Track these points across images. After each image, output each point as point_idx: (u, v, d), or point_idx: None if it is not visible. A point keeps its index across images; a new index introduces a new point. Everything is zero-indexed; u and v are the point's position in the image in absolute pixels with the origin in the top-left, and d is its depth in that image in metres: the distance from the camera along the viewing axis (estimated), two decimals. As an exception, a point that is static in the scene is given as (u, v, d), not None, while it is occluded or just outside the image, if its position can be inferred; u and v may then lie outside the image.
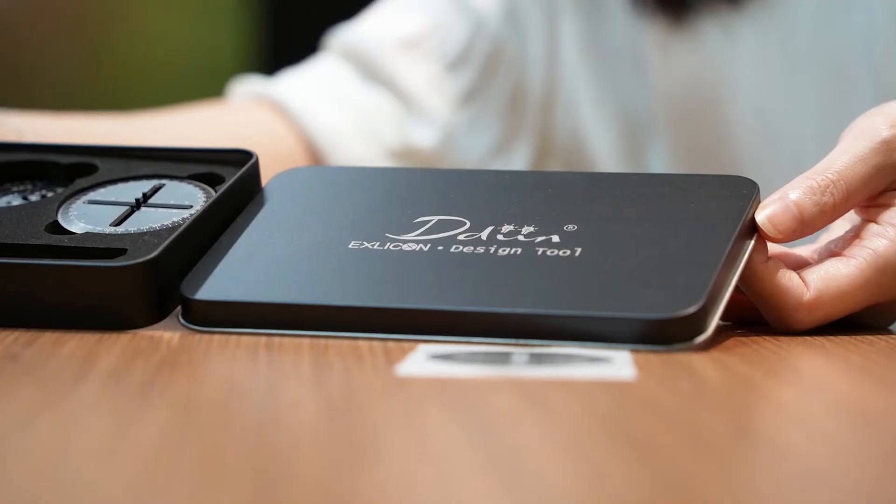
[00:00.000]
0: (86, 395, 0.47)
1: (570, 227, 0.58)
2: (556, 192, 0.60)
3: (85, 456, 0.40)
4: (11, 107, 0.78)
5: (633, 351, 0.53)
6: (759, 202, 0.58)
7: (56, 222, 0.61)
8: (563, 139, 0.90)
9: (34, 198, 0.63)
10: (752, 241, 0.57)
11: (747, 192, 0.58)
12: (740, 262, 0.56)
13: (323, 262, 0.58)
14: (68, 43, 2.13)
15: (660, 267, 0.55)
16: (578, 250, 0.57)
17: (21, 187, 0.65)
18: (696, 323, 0.53)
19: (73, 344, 0.54)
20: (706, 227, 0.57)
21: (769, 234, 0.57)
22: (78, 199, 0.62)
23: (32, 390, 0.48)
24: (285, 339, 0.56)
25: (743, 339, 0.57)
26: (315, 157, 0.88)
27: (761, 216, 0.58)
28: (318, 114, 0.88)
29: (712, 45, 0.85)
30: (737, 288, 0.56)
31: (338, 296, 0.57)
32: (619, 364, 0.51)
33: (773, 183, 0.61)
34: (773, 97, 0.85)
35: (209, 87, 1.32)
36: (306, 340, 0.55)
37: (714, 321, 0.54)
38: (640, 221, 0.58)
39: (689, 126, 0.87)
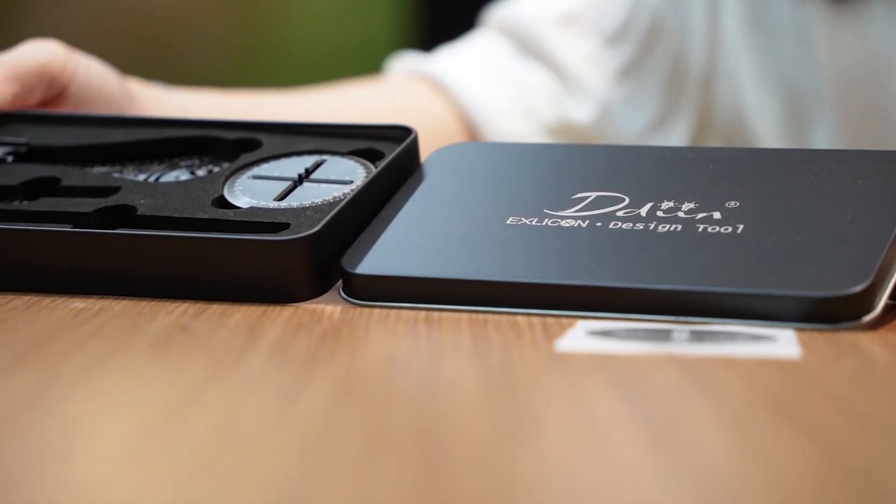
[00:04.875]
0: (252, 366, 0.48)
1: (732, 203, 0.57)
2: (717, 168, 0.60)
3: (254, 425, 0.40)
4: (171, 85, 0.80)
5: (797, 329, 0.52)
6: (929, 179, 0.57)
7: (222, 197, 0.62)
8: (724, 115, 0.89)
9: (201, 172, 0.65)
10: (923, 219, 0.56)
11: (917, 168, 0.57)
12: (910, 239, 0.55)
13: (481, 237, 0.59)
14: (225, 22, 2.17)
15: (825, 244, 0.54)
16: (741, 227, 0.56)
17: (189, 162, 0.66)
18: (863, 301, 0.52)
19: (239, 316, 0.56)
20: (874, 203, 0.55)
21: (940, 211, 0.56)
22: (243, 174, 0.64)
23: (202, 360, 0.49)
24: (444, 314, 0.56)
25: (911, 318, 0.55)
26: (472, 133, 0.88)
27: (932, 193, 0.56)
28: (476, 90, 0.88)
29: (880, 24, 0.82)
30: (906, 266, 0.55)
31: (496, 271, 0.57)
32: (783, 342, 0.50)
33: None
34: None
35: (365, 64, 1.33)
36: (465, 315, 0.56)
37: (882, 300, 0.53)
38: (806, 198, 0.57)
39: (855, 103, 0.85)
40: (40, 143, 0.67)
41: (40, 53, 0.69)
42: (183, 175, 0.65)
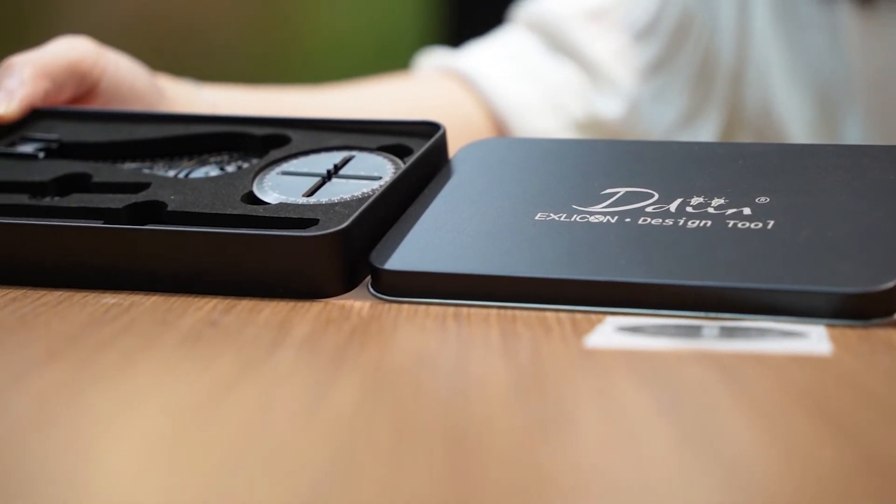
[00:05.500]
0: (283, 362, 0.48)
1: (763, 199, 0.57)
2: (747, 164, 0.59)
3: (284, 420, 0.41)
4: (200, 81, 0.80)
5: (828, 326, 0.52)
6: (961, 174, 0.56)
7: (251, 193, 0.62)
8: (753, 110, 0.88)
9: (231, 168, 0.65)
10: (954, 215, 0.55)
11: (950, 163, 0.56)
12: (942, 235, 0.55)
13: (510, 233, 0.59)
14: (253, 20, 2.17)
15: (857, 240, 0.54)
16: (771, 223, 0.56)
17: (218, 158, 0.66)
18: (895, 298, 0.52)
19: (269, 312, 0.56)
20: (906, 199, 0.55)
21: (972, 207, 0.55)
22: (272, 169, 0.64)
23: (232, 356, 0.49)
24: (473, 310, 0.56)
25: (943, 315, 0.55)
26: (500, 128, 0.88)
27: (964, 189, 0.56)
28: (504, 86, 0.88)
29: None
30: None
31: (525, 267, 0.57)
32: (814, 339, 0.50)
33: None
34: None
35: (393, 60, 1.33)
36: (494, 311, 0.56)
37: (914, 296, 0.52)
38: (836, 194, 0.56)
39: (886, 99, 0.84)
40: (71, 139, 0.67)
41: (71, 50, 0.69)
42: (212, 171, 0.65)
